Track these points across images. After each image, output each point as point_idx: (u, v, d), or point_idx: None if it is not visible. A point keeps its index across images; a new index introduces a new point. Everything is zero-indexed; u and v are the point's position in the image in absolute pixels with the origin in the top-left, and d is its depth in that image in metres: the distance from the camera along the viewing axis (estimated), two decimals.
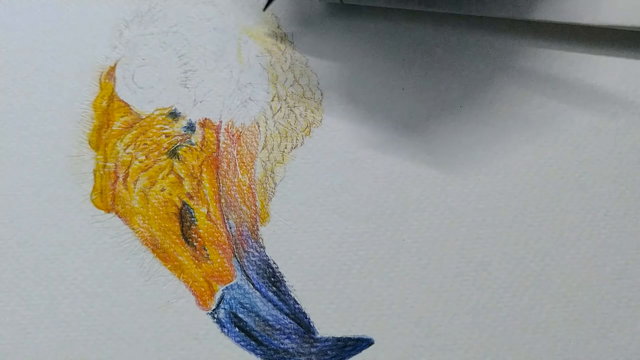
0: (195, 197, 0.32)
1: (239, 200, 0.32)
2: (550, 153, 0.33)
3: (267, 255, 0.31)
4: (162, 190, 0.33)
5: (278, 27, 0.35)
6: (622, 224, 0.32)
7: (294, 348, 0.30)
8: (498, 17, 0.34)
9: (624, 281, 0.31)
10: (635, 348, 0.30)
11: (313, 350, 0.30)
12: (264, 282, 0.31)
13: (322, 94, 0.34)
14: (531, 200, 0.32)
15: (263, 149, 0.33)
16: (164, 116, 0.34)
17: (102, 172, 0.33)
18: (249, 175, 0.33)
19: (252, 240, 0.32)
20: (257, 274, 0.31)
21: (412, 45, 0.34)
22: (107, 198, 0.32)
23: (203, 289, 0.31)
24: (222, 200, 0.32)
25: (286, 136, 0.33)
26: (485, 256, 0.31)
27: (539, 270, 0.31)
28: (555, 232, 0.32)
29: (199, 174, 0.33)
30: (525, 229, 0.32)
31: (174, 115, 0.34)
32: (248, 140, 0.33)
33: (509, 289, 0.31)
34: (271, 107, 0.34)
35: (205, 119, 0.34)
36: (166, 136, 0.33)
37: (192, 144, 0.33)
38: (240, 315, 0.31)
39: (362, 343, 0.30)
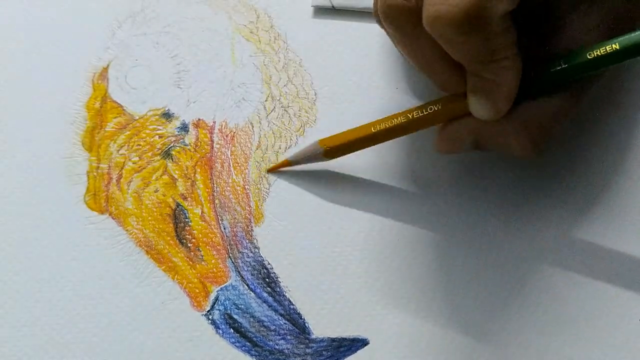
0: (189, 198, 0.32)
1: (233, 200, 0.32)
2: (551, 153, 0.33)
3: (261, 256, 0.31)
4: (156, 191, 0.32)
5: (272, 26, 0.35)
6: (620, 223, 0.32)
7: (289, 349, 0.30)
8: None
9: (623, 281, 0.31)
10: (634, 348, 0.30)
11: (308, 350, 0.30)
12: (258, 283, 0.31)
13: (316, 94, 0.34)
14: (531, 200, 0.32)
15: (257, 149, 0.33)
16: (157, 117, 0.33)
17: (95, 174, 0.33)
18: (243, 175, 0.33)
19: (247, 241, 0.32)
20: (251, 274, 0.31)
21: None
22: (100, 199, 0.32)
23: (197, 290, 0.31)
24: (216, 201, 0.32)
25: (280, 136, 0.33)
26: (482, 256, 0.31)
27: (538, 269, 0.31)
28: (555, 231, 0.31)
29: (192, 175, 0.33)
30: (524, 228, 0.32)
31: (167, 115, 0.33)
32: (242, 140, 0.33)
33: (506, 288, 0.31)
34: (265, 107, 0.34)
35: (199, 119, 0.33)
36: (159, 137, 0.33)
37: (186, 145, 0.33)
38: (235, 317, 0.31)
39: (357, 343, 0.30)
